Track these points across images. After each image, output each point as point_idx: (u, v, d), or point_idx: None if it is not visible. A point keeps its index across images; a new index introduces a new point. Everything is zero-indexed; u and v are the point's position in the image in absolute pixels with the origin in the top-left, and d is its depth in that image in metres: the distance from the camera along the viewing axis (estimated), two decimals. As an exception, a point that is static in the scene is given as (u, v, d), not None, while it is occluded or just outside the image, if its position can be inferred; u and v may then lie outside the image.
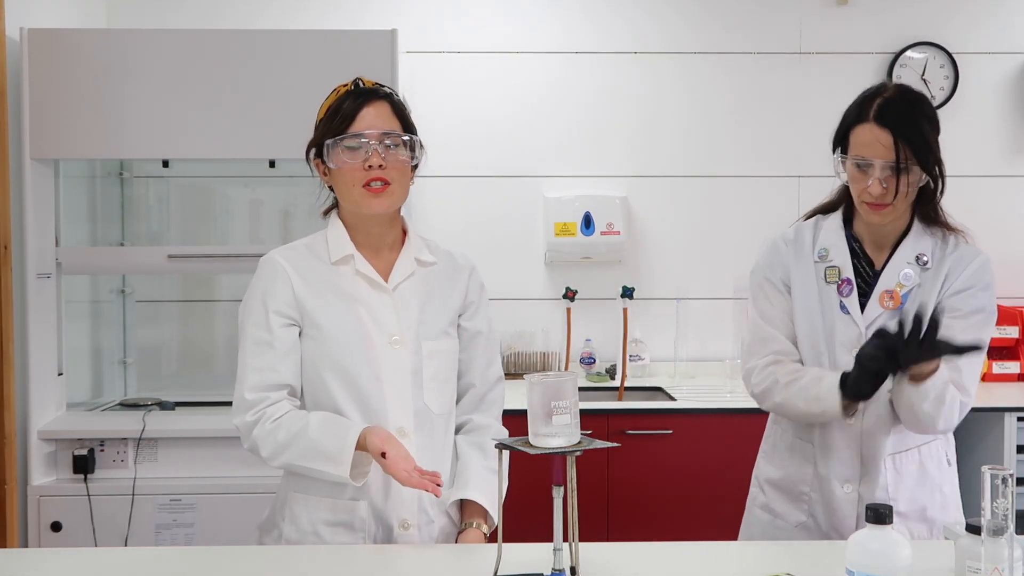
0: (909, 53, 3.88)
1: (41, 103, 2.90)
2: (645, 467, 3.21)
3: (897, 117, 1.80)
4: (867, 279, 1.93)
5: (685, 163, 3.92)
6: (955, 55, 3.87)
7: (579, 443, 1.38)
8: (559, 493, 1.42)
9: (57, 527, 2.88)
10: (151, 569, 1.64)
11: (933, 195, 1.88)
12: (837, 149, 1.91)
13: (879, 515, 1.31)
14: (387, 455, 1.64)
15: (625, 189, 3.87)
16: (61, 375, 3.06)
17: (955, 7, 3.91)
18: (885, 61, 3.90)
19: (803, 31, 3.91)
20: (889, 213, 1.85)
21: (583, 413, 1.48)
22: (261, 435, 1.72)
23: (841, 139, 1.90)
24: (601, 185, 3.87)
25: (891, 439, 1.91)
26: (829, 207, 2.03)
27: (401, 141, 1.79)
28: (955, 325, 1.77)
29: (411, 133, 1.82)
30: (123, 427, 2.94)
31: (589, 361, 3.82)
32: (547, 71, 3.89)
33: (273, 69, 2.95)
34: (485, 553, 1.63)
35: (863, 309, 1.90)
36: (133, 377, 3.60)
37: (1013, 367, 3.70)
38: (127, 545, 2.84)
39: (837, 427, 1.92)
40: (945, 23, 3.90)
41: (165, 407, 3.16)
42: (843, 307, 1.92)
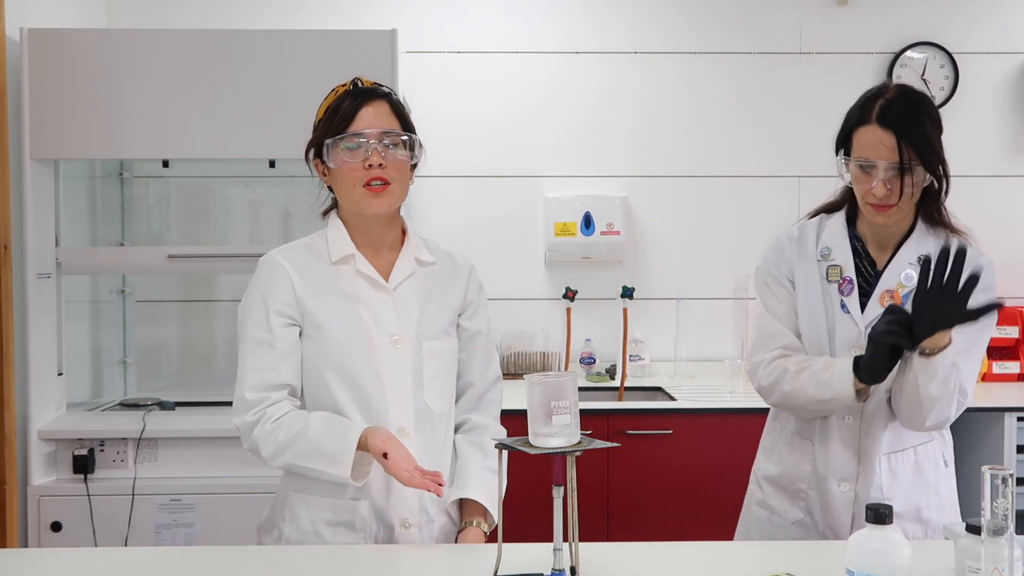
0: (909, 53, 3.88)
1: (41, 103, 2.90)
2: (645, 467, 3.21)
3: (900, 118, 1.80)
4: (869, 279, 1.93)
5: (685, 163, 3.92)
6: (955, 55, 3.87)
7: (579, 443, 1.38)
8: (559, 493, 1.42)
9: (57, 527, 2.88)
10: (151, 569, 1.64)
11: (937, 195, 1.88)
12: (840, 151, 1.91)
13: (879, 515, 1.30)
14: (389, 455, 1.64)
15: (625, 189, 3.87)
16: (61, 375, 3.06)
17: (955, 7, 3.91)
18: (885, 61, 3.90)
19: (803, 31, 3.91)
20: (894, 214, 1.85)
21: (583, 413, 1.48)
22: (261, 435, 1.72)
23: (844, 141, 1.90)
24: (601, 185, 3.87)
25: (888, 439, 1.91)
26: (833, 207, 2.03)
27: (400, 140, 1.79)
28: (955, 328, 1.77)
29: (410, 132, 1.82)
30: (123, 427, 2.94)
31: (589, 361, 3.82)
32: (547, 71, 3.89)
33: (273, 69, 2.95)
34: (485, 553, 1.63)
35: (863, 309, 1.91)
36: (133, 377, 3.60)
37: (1013, 367, 3.70)
38: (127, 545, 2.84)
39: (836, 425, 1.92)
40: (945, 23, 3.90)
41: (165, 407, 3.16)
42: (844, 306, 1.92)
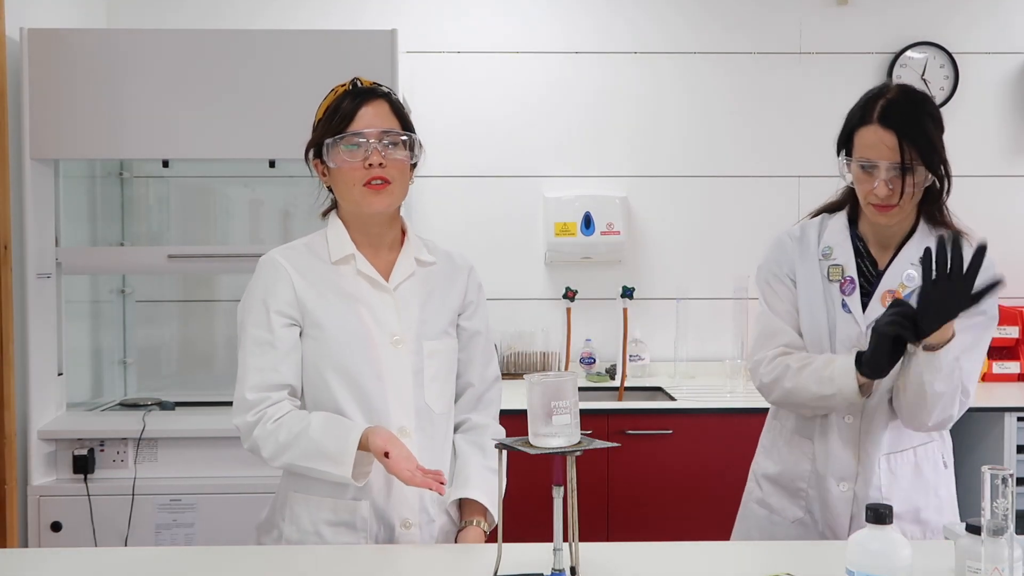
0: (909, 53, 3.88)
1: (41, 103, 2.90)
2: (645, 467, 3.21)
3: (901, 118, 1.80)
4: (870, 279, 1.93)
5: (685, 163, 3.92)
6: (955, 55, 3.87)
7: (579, 443, 1.38)
8: (559, 493, 1.42)
9: (57, 527, 2.88)
10: (151, 569, 1.64)
11: (938, 195, 1.88)
12: (841, 151, 1.91)
13: (879, 515, 1.30)
14: (390, 455, 1.64)
15: (625, 189, 3.87)
16: (61, 375, 3.06)
17: (955, 7, 3.91)
18: (885, 61, 3.90)
19: (803, 31, 3.91)
20: (896, 214, 1.85)
21: (583, 413, 1.48)
22: (262, 435, 1.72)
23: (845, 141, 1.90)
24: (601, 185, 3.87)
25: (888, 439, 1.91)
26: (835, 206, 2.03)
27: (400, 140, 1.79)
28: (956, 326, 1.77)
29: (410, 132, 1.82)
30: (123, 427, 2.94)
31: (589, 361, 3.82)
32: (547, 71, 3.89)
33: (273, 69, 2.95)
34: (485, 553, 1.63)
35: (865, 308, 1.91)
36: (133, 377, 3.60)
37: (1013, 367, 3.70)
38: (127, 545, 2.84)
39: (836, 425, 1.92)
40: (945, 23, 3.90)
41: (165, 407, 3.16)
42: (845, 305, 1.92)
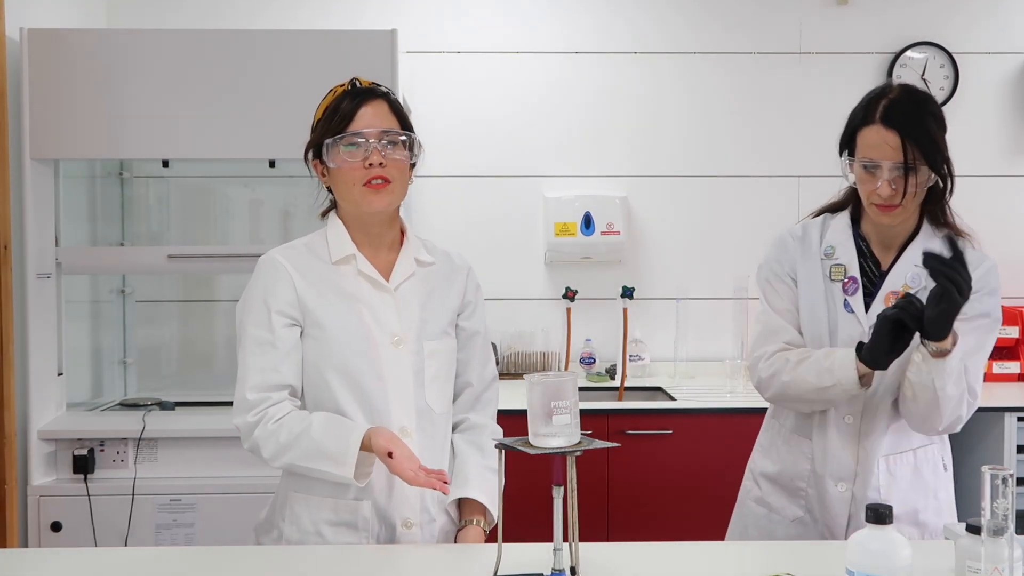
0: (909, 53, 3.88)
1: (41, 103, 2.90)
2: (645, 467, 3.21)
3: (904, 118, 1.80)
4: (873, 279, 1.93)
5: (685, 163, 3.92)
6: (955, 55, 3.87)
7: (579, 443, 1.38)
8: (559, 493, 1.42)
9: (57, 527, 2.88)
10: (151, 569, 1.64)
11: (942, 195, 1.88)
12: (844, 152, 1.91)
13: (879, 515, 1.30)
14: (393, 455, 1.64)
15: (625, 189, 3.87)
16: (61, 375, 3.06)
17: (955, 7, 3.91)
18: (885, 61, 3.90)
19: (803, 31, 3.91)
20: (899, 214, 1.85)
21: (583, 413, 1.48)
22: (263, 436, 1.72)
23: (848, 141, 1.89)
24: (601, 185, 3.87)
25: (888, 441, 1.91)
26: (837, 206, 2.03)
27: (399, 139, 1.79)
28: (960, 328, 1.76)
29: (409, 131, 1.82)
30: (123, 427, 2.94)
31: (589, 361, 3.82)
32: (547, 71, 3.89)
33: (273, 69, 2.95)
34: (485, 553, 1.63)
35: (867, 309, 1.90)
36: (133, 377, 3.60)
37: (1013, 367, 3.70)
38: (127, 545, 2.84)
39: (835, 425, 1.92)
40: (945, 23, 3.90)
41: (165, 407, 3.16)
42: (847, 305, 1.92)
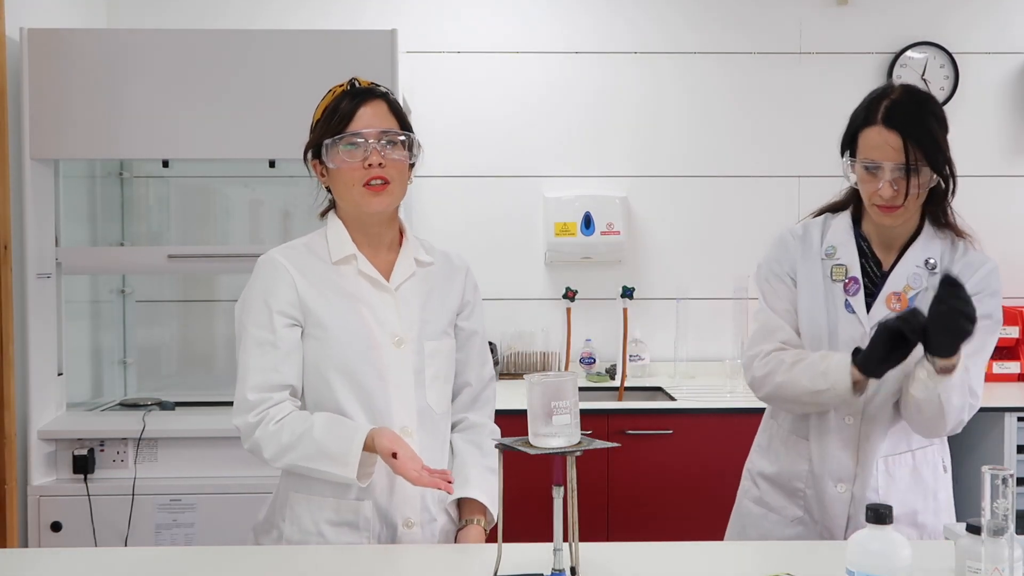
0: (909, 53, 3.88)
1: (41, 103, 2.90)
2: (645, 467, 3.21)
3: (905, 118, 1.79)
4: (874, 279, 1.92)
5: (685, 163, 3.92)
6: (955, 55, 3.87)
7: (579, 443, 1.38)
8: (559, 493, 1.42)
9: (57, 527, 2.88)
10: (151, 569, 1.64)
11: (943, 195, 1.88)
12: (845, 153, 1.90)
13: (879, 515, 1.30)
14: (398, 455, 1.64)
15: (625, 189, 3.87)
16: (61, 375, 3.06)
17: (955, 7, 3.91)
18: (885, 61, 3.90)
19: (803, 31, 3.91)
20: (900, 215, 1.85)
21: (583, 413, 1.48)
22: (264, 436, 1.72)
23: (849, 142, 1.89)
24: (601, 185, 3.87)
25: (887, 442, 1.91)
26: (838, 206, 2.02)
27: (399, 140, 1.79)
28: None
29: (408, 132, 1.82)
30: (123, 427, 2.94)
31: (589, 361, 3.82)
32: (547, 71, 3.89)
33: (273, 69, 2.95)
34: (485, 553, 1.63)
35: (868, 309, 1.90)
36: (133, 377, 3.60)
37: (1013, 367, 3.70)
38: (127, 545, 2.84)
39: (835, 427, 1.91)
40: (945, 23, 3.90)
41: (165, 407, 3.16)
42: (848, 306, 1.91)
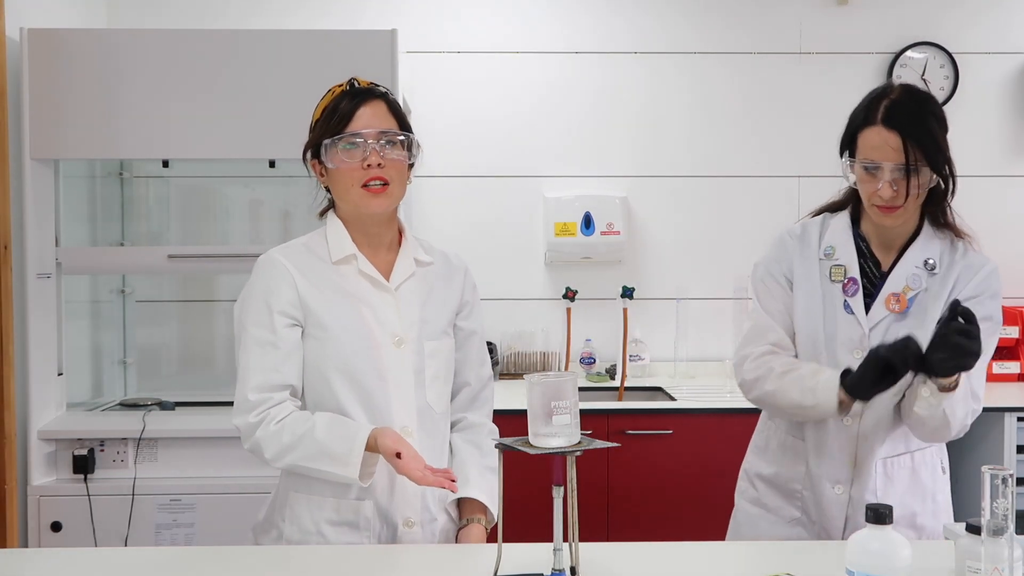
0: (909, 53, 3.88)
1: (41, 103, 2.90)
2: (645, 467, 3.21)
3: (905, 118, 1.78)
4: (873, 280, 1.92)
5: (685, 163, 3.92)
6: (955, 55, 3.87)
7: (579, 443, 1.38)
8: (559, 493, 1.42)
9: (57, 527, 2.88)
10: (151, 569, 1.64)
11: (943, 196, 1.87)
12: (844, 153, 1.89)
13: (879, 515, 1.30)
14: (402, 455, 1.64)
15: (625, 189, 3.87)
16: (61, 375, 3.06)
17: (955, 7, 3.91)
18: (885, 61, 3.90)
19: (803, 31, 3.91)
20: (900, 215, 1.84)
21: (583, 413, 1.48)
22: (265, 436, 1.72)
23: (848, 143, 1.88)
24: (601, 185, 3.87)
25: (885, 444, 1.90)
26: (836, 206, 2.01)
27: (398, 140, 1.79)
28: None
29: (407, 132, 1.82)
30: (123, 427, 2.94)
31: (589, 361, 3.82)
32: (547, 71, 3.89)
33: (273, 69, 2.95)
34: (485, 553, 1.63)
35: (867, 310, 1.89)
36: (133, 377, 3.60)
37: (1013, 367, 3.70)
38: (127, 545, 2.84)
39: (833, 429, 1.90)
40: (945, 23, 3.90)
41: (165, 407, 3.16)
42: (847, 306, 1.90)
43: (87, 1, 3.62)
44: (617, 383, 3.63)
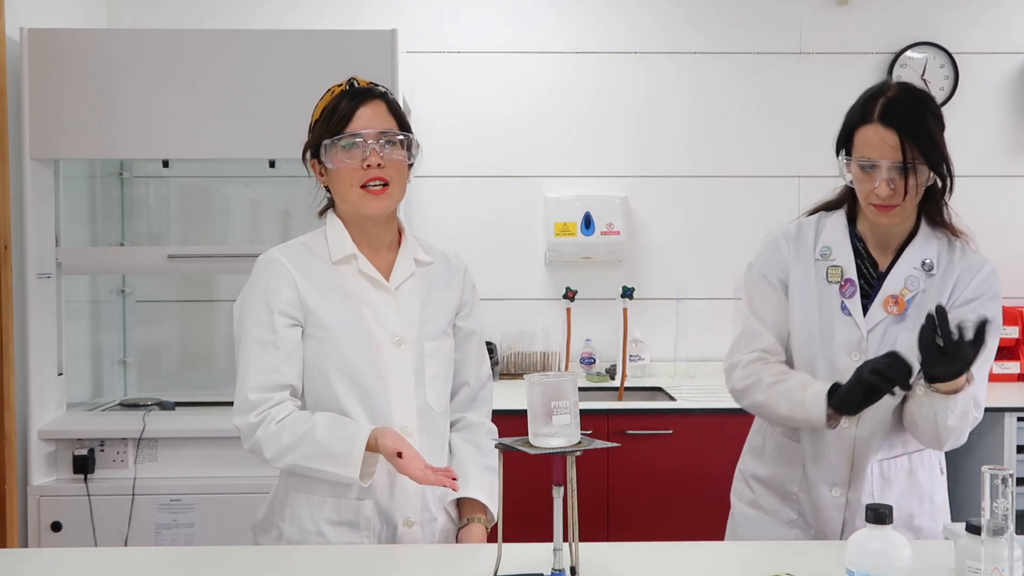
0: (909, 53, 3.88)
1: (41, 103, 2.90)
2: (645, 467, 3.21)
3: (902, 116, 1.77)
4: (870, 281, 1.90)
5: (685, 163, 3.92)
6: (955, 55, 3.87)
7: (579, 443, 1.38)
8: (559, 493, 1.42)
9: (57, 527, 2.88)
10: (151, 569, 1.64)
11: (940, 195, 1.86)
12: (841, 151, 1.88)
13: (879, 515, 1.30)
14: (403, 455, 1.64)
15: (625, 189, 3.87)
16: (61, 375, 3.06)
17: (955, 7, 3.91)
18: (885, 61, 3.90)
19: (803, 31, 3.91)
20: (897, 214, 1.82)
21: (583, 413, 1.48)
22: (265, 436, 1.72)
23: (845, 141, 1.86)
24: (601, 185, 3.87)
25: (883, 446, 1.89)
26: (832, 205, 1.99)
27: (398, 140, 1.79)
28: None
29: (407, 132, 1.82)
30: (123, 427, 2.94)
31: (589, 361, 3.82)
32: (547, 71, 3.89)
33: (273, 69, 2.95)
34: (485, 553, 1.63)
35: (865, 312, 1.87)
36: (133, 377, 3.60)
37: (1013, 367, 3.71)
38: (127, 545, 2.84)
39: (830, 433, 1.88)
40: (945, 23, 3.90)
41: (165, 407, 3.16)
42: (844, 308, 1.88)
43: (87, 1, 3.62)
44: (617, 383, 3.63)
